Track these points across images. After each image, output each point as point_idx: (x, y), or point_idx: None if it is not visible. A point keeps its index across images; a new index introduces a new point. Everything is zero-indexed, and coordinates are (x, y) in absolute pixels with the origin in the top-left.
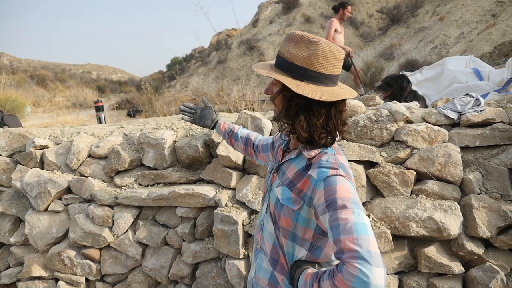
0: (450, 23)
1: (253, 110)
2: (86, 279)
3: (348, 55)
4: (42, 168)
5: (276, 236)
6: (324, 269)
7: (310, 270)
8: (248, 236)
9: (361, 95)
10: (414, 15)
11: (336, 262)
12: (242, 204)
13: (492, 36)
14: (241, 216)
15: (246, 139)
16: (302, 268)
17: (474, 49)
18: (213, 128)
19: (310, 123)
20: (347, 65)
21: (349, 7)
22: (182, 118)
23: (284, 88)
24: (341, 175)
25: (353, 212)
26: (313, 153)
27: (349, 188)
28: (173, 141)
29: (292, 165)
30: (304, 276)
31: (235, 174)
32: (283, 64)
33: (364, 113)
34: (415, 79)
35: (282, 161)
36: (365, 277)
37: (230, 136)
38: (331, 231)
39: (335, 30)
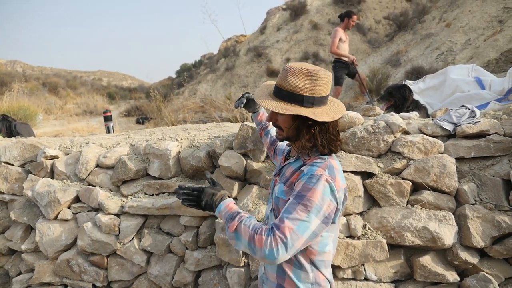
0: (456, 30)
1: None
2: (94, 285)
3: (352, 63)
4: (52, 177)
5: None
6: (247, 215)
7: (232, 203)
8: None
9: (366, 103)
10: (421, 22)
11: (320, 278)
12: None
13: (499, 43)
14: None
15: (274, 140)
16: (221, 193)
17: (480, 56)
18: (254, 113)
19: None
20: (352, 73)
21: (355, 17)
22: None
23: (297, 116)
24: (324, 177)
25: (307, 215)
26: (309, 158)
27: (321, 193)
28: (178, 151)
29: (290, 166)
30: (225, 205)
31: (236, 184)
32: (290, 96)
33: (362, 125)
34: (418, 87)
35: (284, 164)
36: (277, 254)
37: (263, 130)
38: (284, 210)
39: (340, 39)
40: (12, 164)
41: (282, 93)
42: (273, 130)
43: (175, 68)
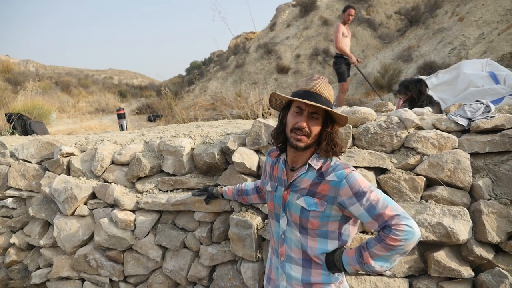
0: (469, 24)
1: (270, 115)
2: (110, 280)
3: (353, 63)
4: (69, 174)
5: (304, 240)
6: (364, 240)
7: (349, 249)
8: (262, 240)
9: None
10: (433, 16)
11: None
12: (256, 209)
13: None
14: (255, 221)
15: (256, 189)
16: (338, 252)
17: (494, 50)
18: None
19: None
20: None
21: (350, 10)
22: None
23: (327, 118)
24: (353, 171)
25: (377, 192)
26: (319, 163)
27: (364, 178)
28: (191, 148)
29: (305, 178)
30: (346, 254)
31: (249, 180)
32: (326, 101)
33: (375, 120)
34: (431, 83)
35: (294, 179)
36: (411, 229)
37: (241, 195)
38: (367, 213)
39: (342, 34)
40: (30, 162)
41: (322, 99)
42: (247, 186)
43: (184, 65)
